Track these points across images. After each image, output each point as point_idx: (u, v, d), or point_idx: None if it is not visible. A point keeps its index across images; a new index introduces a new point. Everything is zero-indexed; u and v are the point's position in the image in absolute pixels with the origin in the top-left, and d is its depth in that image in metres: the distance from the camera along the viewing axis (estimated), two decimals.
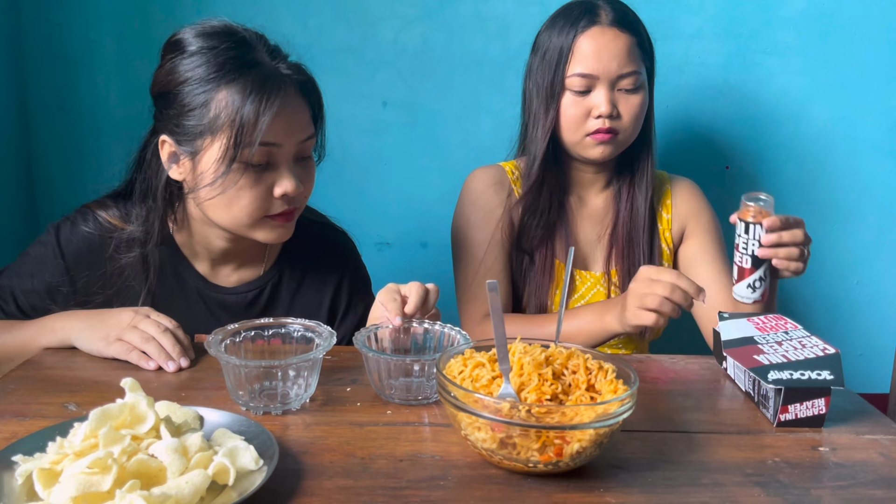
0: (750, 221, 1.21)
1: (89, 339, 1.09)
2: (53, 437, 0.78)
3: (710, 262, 1.51)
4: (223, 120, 1.08)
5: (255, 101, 1.07)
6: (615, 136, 1.40)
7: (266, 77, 1.09)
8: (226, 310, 1.27)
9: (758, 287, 1.23)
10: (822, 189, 1.98)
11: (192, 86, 1.10)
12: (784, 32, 1.89)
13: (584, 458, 0.81)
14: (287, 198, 1.14)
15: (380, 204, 1.96)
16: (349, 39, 1.87)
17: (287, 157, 1.13)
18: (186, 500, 0.70)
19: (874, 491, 0.82)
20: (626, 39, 1.38)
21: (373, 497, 0.77)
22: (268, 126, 1.07)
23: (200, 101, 1.09)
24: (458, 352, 0.94)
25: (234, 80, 1.08)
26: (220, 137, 1.09)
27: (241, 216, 1.13)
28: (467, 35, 1.87)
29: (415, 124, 1.93)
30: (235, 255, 1.26)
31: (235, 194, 1.11)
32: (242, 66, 1.10)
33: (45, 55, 1.83)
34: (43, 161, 1.89)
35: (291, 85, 1.13)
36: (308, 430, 0.91)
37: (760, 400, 1.00)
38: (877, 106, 1.93)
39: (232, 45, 1.11)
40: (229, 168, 1.09)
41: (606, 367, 0.90)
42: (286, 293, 1.30)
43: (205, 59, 1.10)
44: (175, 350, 1.07)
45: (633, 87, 1.39)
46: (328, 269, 1.32)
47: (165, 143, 1.14)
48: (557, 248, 1.49)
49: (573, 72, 1.38)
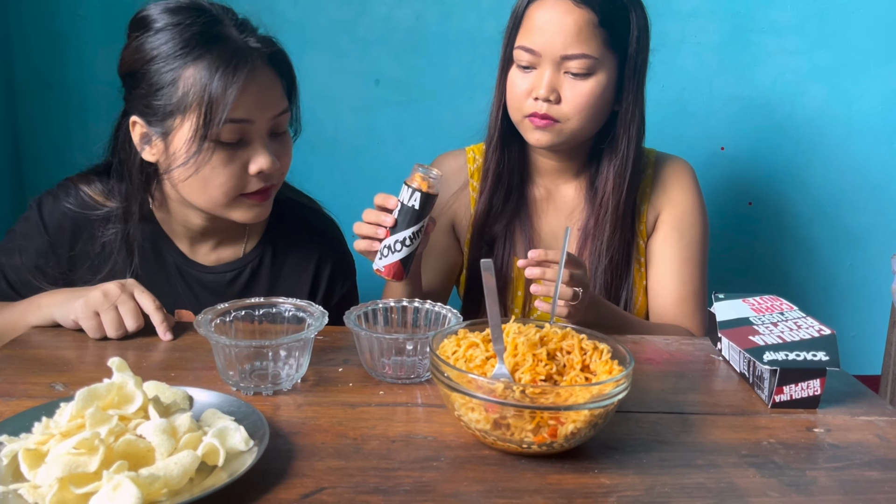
0: (413, 187, 1.11)
1: (66, 312, 1.07)
2: (39, 417, 0.77)
3: (666, 260, 1.38)
4: (192, 98, 1.06)
5: (223, 76, 1.05)
6: (555, 123, 1.25)
7: (234, 51, 1.07)
8: (204, 288, 1.26)
9: (385, 255, 1.12)
10: (817, 170, 1.97)
11: (158, 64, 1.07)
12: (781, 12, 1.88)
13: (578, 438, 0.80)
14: (263, 175, 1.12)
15: (372, 183, 1.94)
16: (341, 15, 1.84)
17: (261, 133, 1.11)
18: (175, 482, 0.69)
19: (869, 472, 0.82)
20: (581, 16, 1.21)
21: (365, 478, 0.76)
22: (237, 102, 1.05)
23: (167, 79, 1.06)
24: (452, 332, 0.93)
25: (201, 56, 1.06)
26: (190, 116, 1.06)
27: (217, 195, 1.11)
28: (462, 12, 1.85)
29: (408, 102, 1.91)
30: (214, 234, 1.25)
31: (209, 174, 1.09)
32: (209, 41, 1.07)
33: (31, 31, 1.80)
34: (30, 138, 1.87)
35: (260, 58, 1.10)
36: (299, 411, 0.90)
37: (755, 381, 1.00)
38: (873, 87, 1.93)
39: (198, 20, 1.08)
40: (201, 147, 1.06)
41: (601, 347, 0.90)
42: (265, 276, 1.28)
43: (170, 35, 1.07)
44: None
45: (581, 72, 1.23)
46: (309, 256, 1.30)
47: (136, 125, 1.12)
48: (517, 243, 1.38)
49: (518, 43, 1.26)
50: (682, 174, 1.41)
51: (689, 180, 1.41)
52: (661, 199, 1.40)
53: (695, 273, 1.38)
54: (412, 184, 1.11)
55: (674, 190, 1.40)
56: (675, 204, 1.39)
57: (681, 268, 1.37)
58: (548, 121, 1.25)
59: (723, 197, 1.96)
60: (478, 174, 1.41)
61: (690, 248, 1.38)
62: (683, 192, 1.40)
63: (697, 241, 1.39)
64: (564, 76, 1.24)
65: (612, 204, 1.33)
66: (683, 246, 1.38)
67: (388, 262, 1.12)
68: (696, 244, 1.39)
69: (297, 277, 1.29)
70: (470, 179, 1.42)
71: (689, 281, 1.37)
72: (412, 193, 1.10)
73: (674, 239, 1.38)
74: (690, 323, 1.37)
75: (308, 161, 1.90)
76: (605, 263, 1.35)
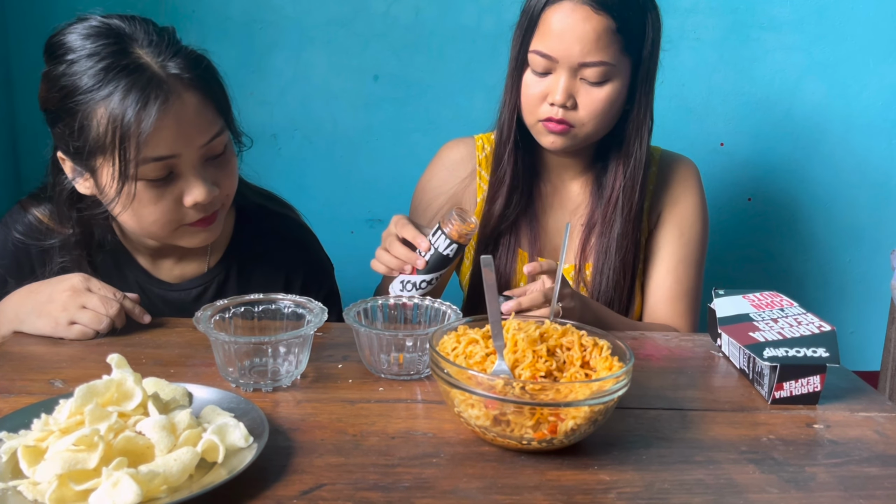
0: (453, 238, 1.12)
1: (40, 327, 1.05)
2: (38, 413, 0.76)
3: (663, 258, 1.37)
4: (108, 138, 0.98)
5: (135, 113, 0.96)
6: (570, 129, 1.25)
7: (146, 82, 0.98)
8: (169, 305, 1.22)
9: (406, 289, 1.14)
10: (815, 166, 1.97)
11: (71, 102, 1.00)
12: (780, 8, 1.88)
13: (578, 435, 0.80)
14: (200, 206, 1.05)
15: (371, 180, 1.95)
16: (340, 11, 1.84)
17: (191, 164, 1.03)
18: (174, 478, 0.69)
19: (869, 468, 0.82)
20: (600, 23, 1.18)
21: (364, 475, 0.76)
22: (155, 139, 0.98)
23: (82, 119, 0.99)
24: (452, 328, 0.93)
25: (111, 94, 0.97)
26: (110, 156, 0.99)
27: (154, 230, 1.07)
28: (460, 8, 1.85)
29: (406, 99, 1.90)
30: (174, 251, 1.20)
31: (142, 211, 1.04)
32: (119, 73, 0.98)
33: (29, 24, 1.80)
34: (29, 136, 1.86)
35: (180, 84, 1.01)
36: (299, 408, 0.90)
37: (755, 377, 1.00)
38: (872, 83, 1.92)
39: (109, 48, 1.00)
40: (122, 188, 1.00)
41: (601, 343, 0.90)
42: (232, 290, 1.22)
43: (82, 67, 0.99)
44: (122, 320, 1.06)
45: (598, 80, 1.21)
46: (278, 267, 1.25)
47: (65, 161, 1.07)
48: (522, 237, 1.38)
49: (534, 48, 1.23)
50: (686, 174, 1.41)
51: (693, 181, 1.41)
52: (663, 198, 1.39)
53: (690, 273, 1.38)
54: (452, 234, 1.12)
55: (677, 189, 1.40)
56: (676, 203, 1.39)
57: (677, 266, 1.37)
58: (564, 126, 1.24)
59: (722, 193, 1.96)
60: (485, 163, 1.41)
61: (688, 248, 1.38)
62: (686, 192, 1.40)
63: (696, 241, 1.39)
64: (580, 82, 1.23)
65: (624, 205, 1.32)
66: (682, 245, 1.38)
67: (408, 295, 1.13)
68: (695, 244, 1.39)
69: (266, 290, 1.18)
70: (478, 168, 1.42)
71: (685, 280, 1.37)
72: (450, 244, 1.12)
73: (673, 237, 1.38)
74: (681, 322, 1.37)
75: (306, 157, 1.90)
76: (614, 261, 1.34)
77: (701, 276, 1.41)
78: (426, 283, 1.14)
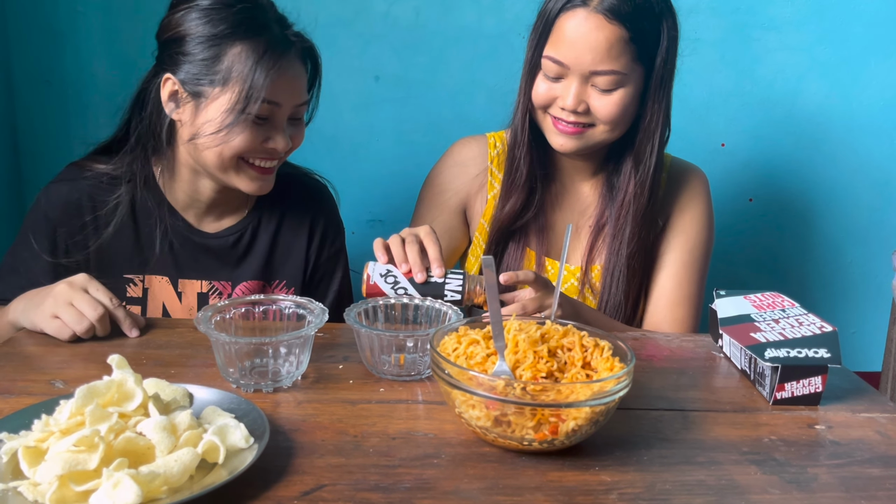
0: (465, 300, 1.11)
1: (31, 316, 1.07)
2: (39, 414, 0.76)
3: (666, 264, 1.38)
4: (235, 75, 1.15)
5: (268, 61, 1.15)
6: (584, 130, 1.26)
7: (278, 41, 1.18)
8: (209, 253, 1.33)
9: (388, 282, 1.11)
10: (817, 166, 1.97)
11: (204, 37, 1.16)
12: (781, 8, 1.87)
13: (579, 436, 0.80)
14: (273, 151, 1.22)
15: (372, 180, 1.95)
16: (341, 12, 1.84)
17: (284, 115, 1.21)
18: (175, 479, 0.69)
19: (871, 469, 0.82)
20: (612, 32, 1.19)
21: (365, 475, 0.76)
22: (273, 85, 1.16)
23: (212, 52, 1.16)
24: (453, 328, 0.93)
25: (249, 39, 1.16)
26: (230, 90, 1.15)
27: (227, 158, 1.19)
28: (461, 8, 1.84)
29: (407, 99, 1.90)
30: (220, 205, 1.32)
31: (232, 140, 1.17)
32: (257, 27, 1.17)
33: (30, 27, 1.80)
34: (29, 135, 1.86)
35: (296, 51, 1.22)
36: (299, 408, 0.90)
37: (756, 378, 1.00)
38: (873, 83, 1.92)
39: (247, 6, 1.18)
40: (237, 119, 1.15)
41: (602, 344, 0.89)
42: (266, 236, 1.36)
43: (221, 14, 1.16)
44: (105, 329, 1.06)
45: (609, 88, 1.23)
46: (304, 215, 1.39)
47: (168, 82, 1.19)
48: (531, 236, 1.38)
49: (547, 53, 1.24)
50: (695, 183, 1.42)
51: (702, 190, 1.42)
52: (671, 204, 1.40)
53: (692, 279, 1.38)
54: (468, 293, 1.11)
55: (685, 197, 1.40)
56: (684, 210, 1.40)
57: (679, 271, 1.38)
58: (576, 129, 1.26)
59: (723, 193, 1.95)
60: (497, 162, 1.42)
61: (692, 254, 1.39)
62: (694, 200, 1.40)
63: (700, 249, 1.39)
64: (591, 89, 1.24)
65: (635, 210, 1.33)
66: (686, 251, 1.38)
67: (384, 289, 1.10)
68: (699, 251, 1.39)
69: (294, 236, 1.37)
70: (490, 165, 1.43)
71: (686, 286, 1.38)
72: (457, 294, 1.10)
73: (678, 243, 1.39)
74: (679, 328, 1.37)
75: (307, 157, 1.88)
76: (624, 265, 1.34)
77: (703, 284, 1.41)
78: (404, 292, 1.10)
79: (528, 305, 1.10)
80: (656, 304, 1.38)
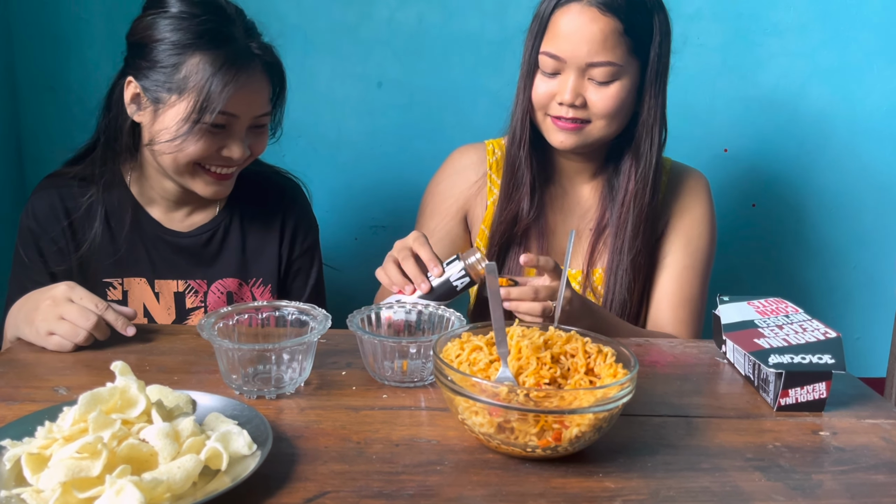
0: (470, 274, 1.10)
1: (27, 335, 1.07)
2: (42, 421, 0.76)
3: (669, 266, 1.38)
4: (192, 84, 1.17)
5: (225, 73, 1.16)
6: (582, 126, 1.28)
7: (238, 53, 1.19)
8: (182, 252, 1.34)
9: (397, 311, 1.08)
10: (820, 172, 1.96)
11: (167, 45, 1.18)
12: (784, 13, 1.87)
13: (582, 442, 0.80)
14: (228, 160, 1.23)
15: (375, 186, 1.95)
16: (344, 18, 1.84)
17: (241, 126, 1.23)
18: (178, 486, 0.69)
19: (876, 475, 0.81)
20: (607, 24, 1.22)
21: (368, 482, 0.76)
22: (230, 97, 1.17)
23: (173, 61, 1.17)
24: (455, 335, 0.93)
25: (209, 50, 1.17)
26: (186, 99, 1.17)
27: (182, 164, 1.21)
28: (464, 14, 1.85)
29: (410, 105, 1.90)
30: (189, 202, 1.34)
31: (187, 146, 1.19)
32: (218, 38, 1.18)
33: (33, 34, 1.80)
34: (33, 141, 1.86)
35: (259, 64, 1.22)
36: (302, 415, 0.90)
37: (760, 384, 0.99)
38: (877, 88, 1.92)
39: (213, 17, 1.19)
40: (192, 129, 1.17)
41: (606, 350, 0.89)
42: (236, 234, 1.37)
43: (186, 24, 1.18)
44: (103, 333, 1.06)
45: (606, 80, 1.24)
46: (275, 212, 1.40)
47: (131, 85, 1.22)
48: (531, 240, 1.39)
49: (543, 49, 1.26)
50: (696, 185, 1.43)
51: (703, 192, 1.43)
52: (672, 207, 1.41)
53: (695, 281, 1.39)
54: (469, 269, 1.10)
55: (686, 199, 1.41)
56: (685, 212, 1.41)
57: (682, 274, 1.38)
58: (575, 124, 1.27)
59: (726, 198, 1.95)
60: (496, 168, 1.43)
61: (694, 257, 1.39)
62: (695, 203, 1.41)
63: (702, 251, 1.40)
64: (588, 82, 1.26)
65: (636, 208, 1.33)
66: (688, 253, 1.39)
67: (398, 319, 1.07)
68: (701, 253, 1.40)
69: (266, 233, 1.39)
70: (489, 171, 1.43)
71: (688, 288, 1.38)
72: (463, 276, 1.10)
73: (680, 245, 1.39)
74: (682, 330, 1.37)
75: (310, 163, 1.90)
76: (628, 264, 1.35)
77: (706, 287, 1.41)
78: (423, 306, 1.08)
79: (540, 291, 1.08)
80: (658, 305, 1.38)
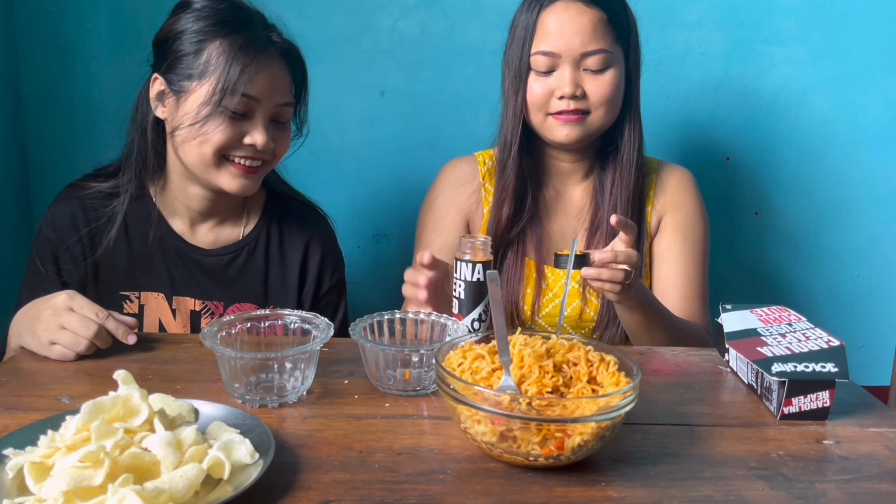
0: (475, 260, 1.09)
1: (29, 344, 1.07)
2: (45, 430, 0.77)
3: (672, 261, 1.43)
4: (212, 67, 1.18)
5: (244, 55, 1.18)
6: (583, 117, 1.32)
7: (256, 37, 1.21)
8: (203, 271, 1.33)
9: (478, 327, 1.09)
10: (822, 180, 1.96)
11: (189, 34, 1.20)
12: (785, 21, 1.87)
13: (585, 451, 0.80)
14: (253, 149, 1.22)
15: (378, 195, 1.95)
16: (346, 28, 1.85)
17: (264, 113, 1.23)
18: (180, 495, 0.69)
19: (880, 484, 0.81)
20: (593, 14, 1.29)
21: (370, 491, 0.76)
22: (251, 80, 1.18)
23: (194, 48, 1.20)
24: (458, 343, 0.93)
25: (228, 35, 1.19)
26: (207, 82, 1.18)
27: (207, 155, 1.21)
28: (466, 24, 1.85)
29: (413, 114, 1.91)
30: (214, 214, 1.33)
31: (211, 132, 1.19)
32: (237, 25, 1.21)
33: (38, 44, 1.81)
34: (38, 152, 1.87)
35: (278, 51, 1.24)
36: (305, 423, 0.90)
37: (763, 392, 0.99)
38: (878, 96, 1.92)
39: (233, 8, 1.23)
40: (213, 110, 1.18)
41: (608, 359, 0.89)
42: (260, 259, 1.36)
43: (205, 14, 1.21)
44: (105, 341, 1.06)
45: (600, 68, 1.30)
46: (299, 243, 1.39)
47: (157, 81, 1.24)
48: (528, 244, 1.42)
49: (536, 50, 1.31)
50: (683, 179, 1.48)
51: (691, 185, 1.48)
52: (664, 203, 1.45)
53: (698, 273, 1.43)
54: (472, 258, 1.09)
55: (677, 194, 1.46)
56: (678, 207, 1.45)
57: (685, 268, 1.42)
58: (577, 115, 1.31)
59: (729, 207, 1.95)
60: (489, 177, 1.45)
61: (693, 249, 1.44)
62: (686, 196, 1.46)
63: (699, 243, 1.45)
64: (584, 73, 1.31)
65: (622, 202, 1.38)
66: (687, 247, 1.44)
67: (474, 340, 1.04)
68: (699, 245, 1.45)
69: (288, 261, 1.38)
70: (482, 181, 1.46)
71: (695, 280, 1.42)
72: (474, 266, 1.09)
73: (678, 240, 1.44)
74: (699, 320, 1.41)
75: (313, 172, 1.90)
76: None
77: (707, 276, 1.46)
78: (479, 323, 1.08)
79: (619, 255, 1.12)
80: (670, 300, 1.40)
